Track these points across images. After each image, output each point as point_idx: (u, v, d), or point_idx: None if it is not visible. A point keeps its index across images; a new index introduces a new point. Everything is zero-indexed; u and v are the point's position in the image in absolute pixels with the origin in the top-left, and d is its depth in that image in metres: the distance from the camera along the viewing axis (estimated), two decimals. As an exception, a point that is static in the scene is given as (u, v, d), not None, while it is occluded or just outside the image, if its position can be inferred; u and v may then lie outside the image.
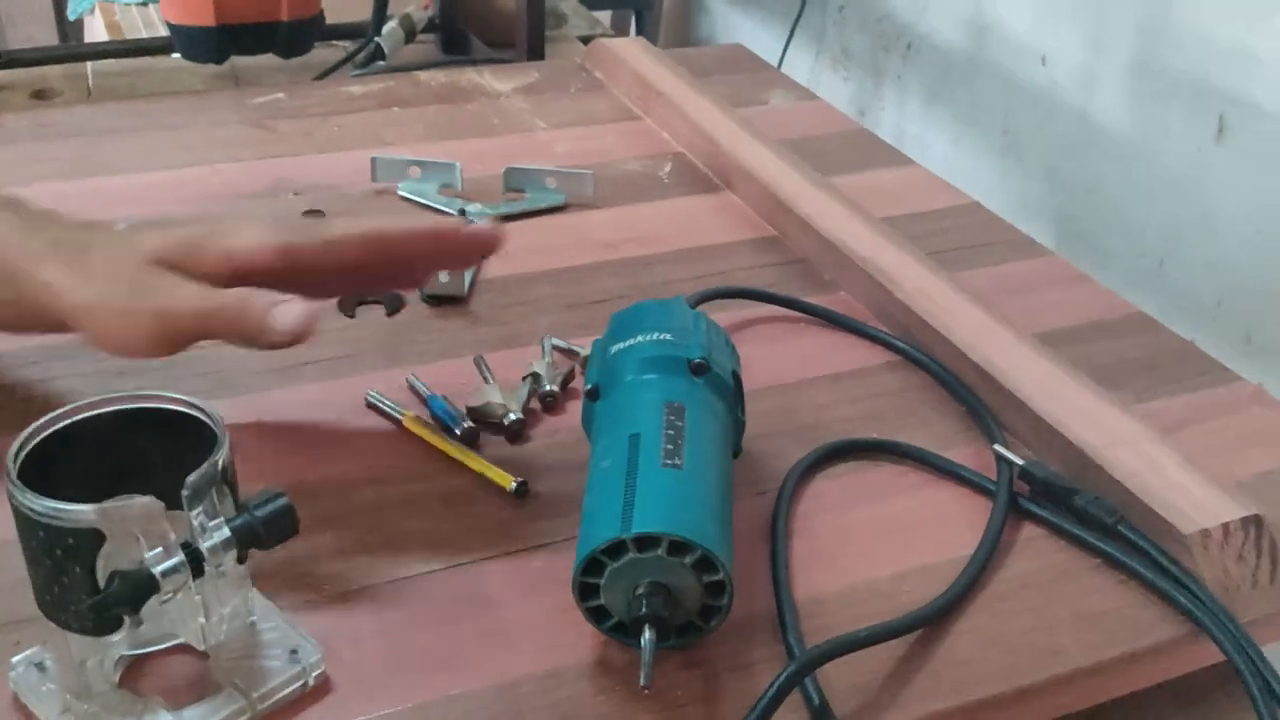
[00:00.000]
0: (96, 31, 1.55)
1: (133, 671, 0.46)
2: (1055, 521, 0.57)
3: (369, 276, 0.61)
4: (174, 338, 0.55)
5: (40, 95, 1.07)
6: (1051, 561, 0.56)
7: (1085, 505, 0.57)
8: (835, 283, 0.77)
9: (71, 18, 1.65)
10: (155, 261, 0.54)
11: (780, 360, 0.69)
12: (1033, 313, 0.74)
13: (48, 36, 2.19)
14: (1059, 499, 0.58)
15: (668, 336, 0.56)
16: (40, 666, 0.45)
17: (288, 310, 0.52)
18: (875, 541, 0.56)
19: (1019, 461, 0.59)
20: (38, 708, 0.44)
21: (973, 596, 0.53)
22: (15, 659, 0.45)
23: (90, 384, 0.63)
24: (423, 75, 1.05)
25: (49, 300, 0.54)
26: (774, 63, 1.48)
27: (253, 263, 0.55)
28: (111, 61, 1.18)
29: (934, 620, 0.51)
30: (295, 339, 0.52)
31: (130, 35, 1.40)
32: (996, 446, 0.61)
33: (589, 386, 0.56)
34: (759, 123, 0.94)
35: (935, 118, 1.43)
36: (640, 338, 0.56)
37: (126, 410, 0.44)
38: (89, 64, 1.16)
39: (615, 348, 0.56)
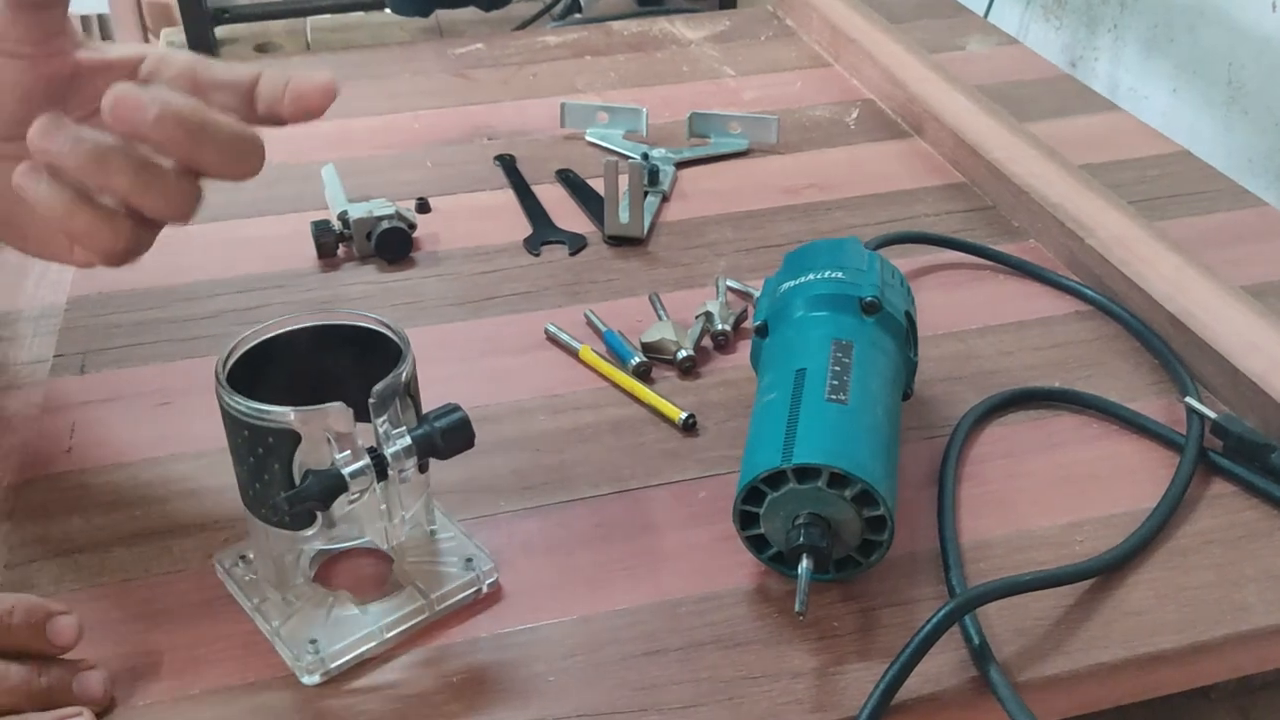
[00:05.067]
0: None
1: (326, 569, 0.50)
2: (1248, 478, 0.54)
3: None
4: None
5: (262, 49, 1.15)
6: (1241, 519, 0.53)
7: (1283, 463, 0.54)
8: (1025, 230, 0.75)
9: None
10: None
11: (962, 307, 0.67)
12: (1241, 264, 0.70)
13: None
14: (1254, 455, 0.55)
15: (840, 275, 0.55)
16: (245, 559, 0.50)
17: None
18: (1049, 490, 0.55)
19: (1211, 415, 0.56)
20: (240, 595, 0.48)
21: (1152, 549, 0.51)
22: (224, 551, 0.50)
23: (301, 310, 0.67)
24: (616, 25, 1.07)
25: None
26: (982, 10, 1.42)
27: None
28: (328, 17, 1.25)
29: (1107, 570, 0.50)
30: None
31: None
32: (1188, 399, 0.58)
33: (758, 322, 0.56)
34: (955, 69, 0.91)
35: (1153, 68, 1.35)
36: (812, 275, 0.56)
37: (321, 326, 0.48)
38: (308, 19, 1.23)
39: (786, 285, 0.57)
